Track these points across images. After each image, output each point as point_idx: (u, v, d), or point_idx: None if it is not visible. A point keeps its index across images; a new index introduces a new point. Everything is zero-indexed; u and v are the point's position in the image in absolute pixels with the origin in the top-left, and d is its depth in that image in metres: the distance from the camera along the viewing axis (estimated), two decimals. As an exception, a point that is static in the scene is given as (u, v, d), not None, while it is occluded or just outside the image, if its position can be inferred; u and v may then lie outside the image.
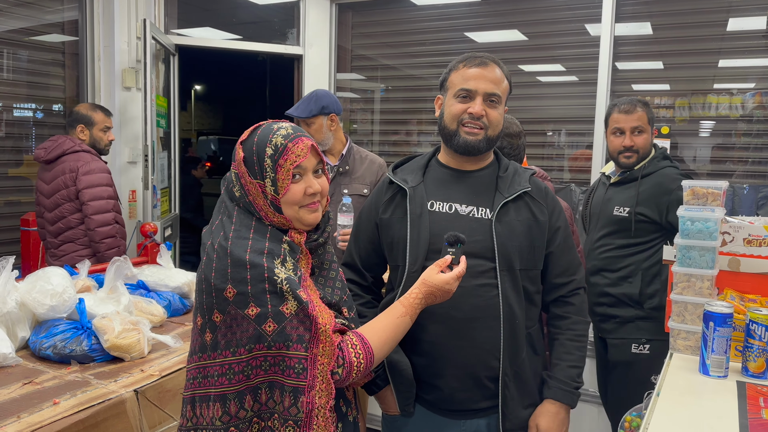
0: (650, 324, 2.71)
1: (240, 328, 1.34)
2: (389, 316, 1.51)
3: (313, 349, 1.34)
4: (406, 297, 1.54)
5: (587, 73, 4.08)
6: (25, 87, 4.11)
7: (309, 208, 1.45)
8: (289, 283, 1.34)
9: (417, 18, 4.71)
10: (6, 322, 2.06)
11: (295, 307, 1.34)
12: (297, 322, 1.34)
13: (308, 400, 1.33)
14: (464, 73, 1.75)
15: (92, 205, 3.43)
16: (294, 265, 1.40)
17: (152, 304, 2.42)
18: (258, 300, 1.33)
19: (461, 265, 1.56)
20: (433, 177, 1.83)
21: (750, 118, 3.71)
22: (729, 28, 3.75)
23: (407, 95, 4.91)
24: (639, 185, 2.74)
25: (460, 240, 1.58)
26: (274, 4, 4.94)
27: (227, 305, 1.34)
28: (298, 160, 1.41)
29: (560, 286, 1.85)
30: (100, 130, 3.62)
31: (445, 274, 1.53)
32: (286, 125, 1.46)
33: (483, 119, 1.73)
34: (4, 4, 3.89)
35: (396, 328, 1.50)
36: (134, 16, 4.34)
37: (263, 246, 1.38)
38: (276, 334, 1.33)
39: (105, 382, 1.86)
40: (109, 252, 3.45)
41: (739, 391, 1.65)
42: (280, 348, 1.33)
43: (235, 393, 1.35)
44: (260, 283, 1.34)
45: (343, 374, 1.38)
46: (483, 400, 1.75)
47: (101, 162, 3.57)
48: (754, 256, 2.01)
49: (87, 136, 3.59)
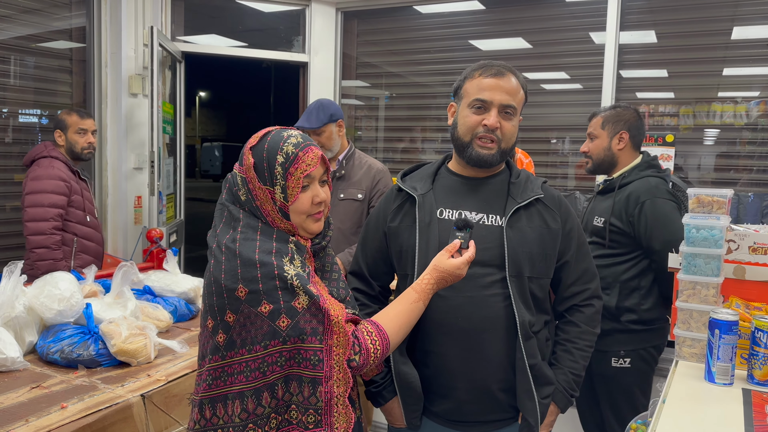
0: (628, 336, 2.61)
1: (254, 326, 1.36)
2: (403, 302, 1.54)
3: (328, 341, 1.37)
4: (418, 283, 1.56)
5: (592, 81, 4.10)
6: (32, 93, 4.14)
7: (314, 217, 1.48)
8: (299, 279, 1.37)
9: (422, 26, 4.73)
10: (14, 326, 2.07)
11: (307, 301, 1.37)
12: (310, 316, 1.37)
13: (326, 390, 1.36)
14: (480, 82, 1.72)
15: (28, 211, 3.28)
16: (302, 262, 1.43)
17: (158, 310, 2.43)
18: (270, 297, 1.35)
19: (471, 249, 1.57)
20: (442, 185, 1.81)
21: (755, 127, 3.72)
22: (733, 36, 3.76)
23: (412, 103, 4.93)
24: (616, 195, 2.63)
25: (468, 225, 1.59)
26: (279, 11, 4.97)
27: (240, 304, 1.36)
28: (308, 169, 1.43)
29: (575, 294, 1.83)
30: (74, 133, 3.49)
31: (456, 259, 1.55)
32: (295, 133, 1.48)
33: (497, 132, 1.71)
34: (13, 11, 3.93)
35: (410, 313, 1.53)
36: (141, 23, 4.38)
37: (271, 246, 1.41)
38: (290, 329, 1.35)
39: (112, 386, 1.87)
40: (40, 264, 3.20)
41: (744, 399, 1.65)
42: (295, 342, 1.36)
43: (253, 390, 1.37)
44: (271, 280, 1.36)
45: (360, 360, 1.42)
46: (495, 412, 1.74)
47: (57, 169, 3.37)
48: (759, 264, 2.02)
49: (64, 141, 3.49)
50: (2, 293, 2.05)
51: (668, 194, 2.54)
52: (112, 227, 4.46)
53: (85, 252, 3.49)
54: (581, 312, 1.83)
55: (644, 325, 2.57)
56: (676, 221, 2.42)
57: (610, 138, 2.69)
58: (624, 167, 2.70)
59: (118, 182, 4.42)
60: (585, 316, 1.82)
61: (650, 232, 2.49)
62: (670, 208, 2.51)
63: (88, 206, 3.55)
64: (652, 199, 2.51)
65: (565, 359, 1.81)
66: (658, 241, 2.47)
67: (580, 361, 1.81)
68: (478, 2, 4.47)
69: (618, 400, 2.64)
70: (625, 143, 2.68)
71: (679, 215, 2.48)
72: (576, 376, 1.80)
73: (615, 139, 2.68)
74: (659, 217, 2.48)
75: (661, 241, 2.45)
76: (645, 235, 2.51)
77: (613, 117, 2.70)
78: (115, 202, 4.44)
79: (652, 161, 2.70)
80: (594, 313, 1.84)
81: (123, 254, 4.35)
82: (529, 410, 1.69)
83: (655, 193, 2.53)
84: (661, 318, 2.60)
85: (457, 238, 1.58)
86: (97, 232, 3.62)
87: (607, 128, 2.70)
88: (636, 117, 2.72)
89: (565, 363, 1.80)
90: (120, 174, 4.41)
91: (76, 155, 3.51)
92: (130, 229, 4.45)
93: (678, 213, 2.50)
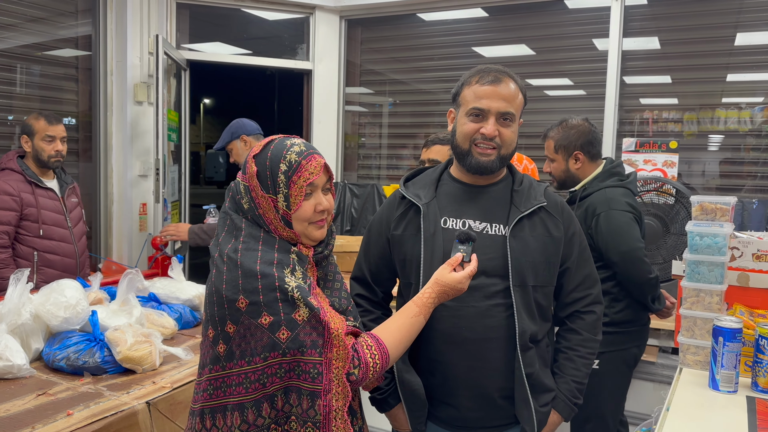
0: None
1: (254, 337, 1.36)
2: (403, 316, 1.53)
3: (328, 354, 1.37)
4: (419, 296, 1.56)
5: (595, 87, 4.11)
6: (38, 101, 4.17)
7: (317, 224, 1.48)
8: (300, 291, 1.37)
9: (425, 33, 4.75)
10: (20, 333, 2.08)
11: (307, 313, 1.36)
12: (310, 328, 1.36)
13: (325, 404, 1.35)
14: (476, 90, 1.71)
15: None
16: (303, 274, 1.42)
17: (163, 317, 2.44)
18: (270, 309, 1.35)
19: (473, 263, 1.56)
20: (446, 192, 1.81)
21: (759, 133, 3.72)
22: (737, 42, 3.77)
23: (415, 109, 4.95)
24: (576, 208, 2.57)
25: (471, 238, 1.58)
26: (284, 19, 4.99)
27: (240, 315, 1.36)
28: (311, 177, 1.43)
29: (577, 300, 1.83)
30: (41, 140, 3.24)
31: (457, 273, 1.55)
32: (299, 141, 1.48)
33: (496, 139, 1.70)
34: (19, 20, 3.96)
35: (410, 327, 1.53)
36: (147, 32, 4.41)
37: (272, 257, 1.40)
38: (290, 341, 1.35)
39: (117, 393, 1.87)
40: None
41: (749, 406, 1.65)
42: (294, 354, 1.35)
43: (252, 401, 1.37)
44: (272, 292, 1.36)
45: (359, 374, 1.41)
46: (497, 418, 1.75)
47: (5, 183, 3.17)
48: (763, 272, 2.02)
49: (30, 147, 3.26)
50: (9, 301, 2.06)
51: (625, 205, 2.50)
52: (118, 234, 4.48)
53: (49, 266, 3.28)
54: (582, 319, 1.83)
55: (615, 327, 2.52)
56: (630, 232, 2.43)
57: (566, 161, 2.67)
58: (586, 179, 2.66)
59: (123, 189, 4.44)
60: (586, 324, 1.82)
61: (606, 244, 2.47)
62: (626, 219, 2.46)
63: (48, 217, 3.29)
64: (607, 212, 2.48)
65: (567, 367, 1.81)
66: (614, 253, 2.45)
67: (583, 369, 1.81)
68: (482, 9, 4.49)
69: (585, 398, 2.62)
70: (582, 161, 2.64)
71: (635, 226, 2.47)
72: (578, 383, 1.80)
73: (571, 160, 2.66)
74: (615, 229, 2.45)
75: (617, 252, 2.44)
76: (603, 248, 2.48)
77: (563, 140, 2.65)
78: (120, 210, 4.47)
79: (614, 168, 2.64)
80: (595, 319, 1.84)
81: (128, 261, 4.37)
82: (525, 418, 1.70)
83: (610, 204, 2.49)
84: (634, 321, 2.57)
85: (460, 251, 1.58)
86: (65, 243, 3.36)
87: (560, 152, 2.67)
88: (586, 131, 2.64)
89: (567, 371, 1.80)
90: (125, 181, 4.43)
91: (43, 163, 3.29)
92: (135, 237, 4.47)
93: (634, 224, 2.48)
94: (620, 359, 2.57)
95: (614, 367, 2.56)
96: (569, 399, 1.78)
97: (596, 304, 1.85)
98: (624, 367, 2.60)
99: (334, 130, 5.01)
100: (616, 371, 2.58)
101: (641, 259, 2.43)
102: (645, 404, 3.03)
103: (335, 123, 5.01)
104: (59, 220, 3.34)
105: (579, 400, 1.80)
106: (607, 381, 2.55)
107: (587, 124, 2.66)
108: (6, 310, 2.05)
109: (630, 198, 2.55)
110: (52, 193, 3.35)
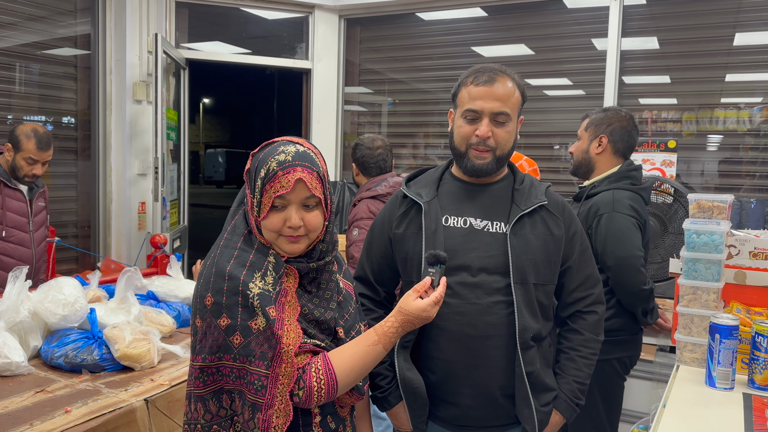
0: None
1: (212, 336, 1.36)
2: (360, 343, 1.46)
3: (276, 369, 1.33)
4: (381, 325, 1.49)
5: (594, 87, 4.11)
6: (37, 100, 4.17)
7: (288, 239, 1.41)
8: (260, 299, 1.34)
9: (424, 33, 4.76)
10: (19, 331, 2.09)
11: (264, 324, 1.33)
12: (263, 339, 1.34)
13: (264, 418, 1.32)
14: (471, 91, 1.71)
15: None
16: (275, 280, 1.38)
17: (162, 315, 2.44)
18: (230, 312, 1.34)
19: (440, 288, 1.50)
20: (447, 191, 1.81)
21: (757, 132, 3.73)
22: (736, 42, 3.78)
23: (414, 109, 4.95)
24: (581, 205, 2.48)
25: (440, 260, 1.52)
26: (283, 18, 5.00)
27: (205, 312, 1.36)
28: (281, 191, 1.36)
29: (578, 300, 1.82)
30: (23, 158, 3.17)
31: (422, 301, 1.48)
32: (290, 149, 1.41)
33: (489, 141, 1.70)
34: (18, 19, 3.96)
35: (365, 356, 1.45)
36: (146, 31, 4.41)
37: (247, 258, 1.39)
38: (241, 348, 1.34)
39: (116, 391, 1.88)
40: None
41: (745, 403, 1.66)
42: (243, 362, 1.34)
43: (212, 393, 1.38)
44: (234, 295, 1.34)
45: (302, 397, 1.36)
46: (499, 417, 1.74)
47: None
48: (760, 269, 2.02)
49: (10, 157, 3.19)
50: (7, 298, 2.06)
51: (630, 209, 2.37)
52: (116, 233, 4.49)
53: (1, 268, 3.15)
54: (584, 319, 1.82)
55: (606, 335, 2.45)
56: (630, 238, 2.31)
57: (590, 141, 2.54)
58: (600, 174, 2.54)
59: (122, 188, 4.45)
60: (588, 324, 1.82)
61: (603, 247, 2.35)
62: (627, 224, 2.34)
63: (10, 219, 3.23)
64: (610, 214, 2.36)
65: (568, 368, 1.81)
66: (610, 257, 2.33)
67: (585, 369, 1.81)
68: (481, 9, 4.49)
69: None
70: (604, 148, 2.51)
71: (636, 232, 2.34)
72: (580, 384, 1.80)
73: (594, 142, 2.53)
74: (614, 233, 2.34)
75: (613, 257, 2.32)
76: (600, 250, 2.36)
77: (597, 120, 2.53)
78: (119, 208, 4.47)
79: (629, 172, 2.49)
80: (597, 320, 1.83)
81: (127, 260, 4.37)
82: (526, 418, 1.70)
83: (614, 207, 2.37)
84: (624, 330, 2.44)
85: (429, 274, 1.51)
86: (23, 246, 3.28)
87: (590, 130, 2.54)
88: (625, 122, 2.52)
89: (569, 372, 1.80)
90: (124, 180, 4.43)
91: (15, 176, 3.22)
92: (134, 235, 4.47)
93: (636, 230, 2.35)
94: (611, 368, 2.45)
95: (606, 376, 2.44)
96: (571, 399, 1.78)
97: (598, 304, 1.84)
98: (615, 375, 2.48)
99: (333, 129, 5.01)
100: (609, 379, 2.46)
101: (637, 268, 2.31)
102: (643, 403, 3.03)
103: (334, 122, 5.01)
104: (21, 223, 3.28)
105: (581, 400, 1.80)
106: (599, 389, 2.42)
107: (630, 118, 2.55)
108: (4, 308, 2.05)
109: (638, 203, 2.42)
110: (20, 194, 3.28)
